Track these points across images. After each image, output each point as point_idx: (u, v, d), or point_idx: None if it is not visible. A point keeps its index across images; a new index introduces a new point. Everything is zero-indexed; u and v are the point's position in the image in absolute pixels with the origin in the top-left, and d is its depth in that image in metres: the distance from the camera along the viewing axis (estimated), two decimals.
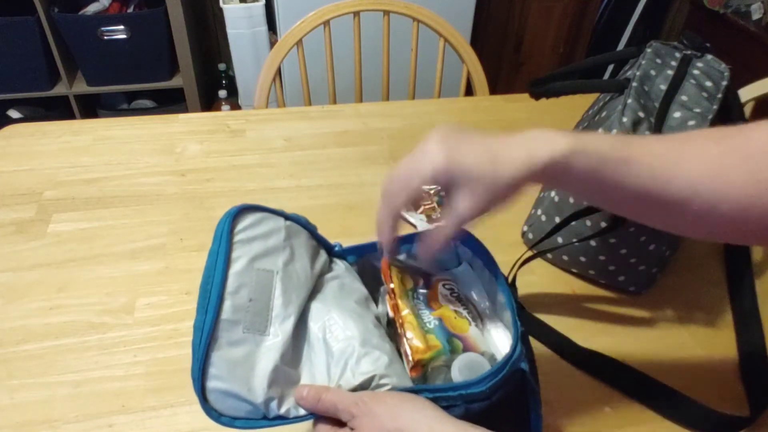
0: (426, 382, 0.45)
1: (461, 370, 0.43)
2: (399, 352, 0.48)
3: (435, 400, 0.41)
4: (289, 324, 0.45)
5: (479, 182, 0.41)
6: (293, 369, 0.45)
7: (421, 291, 0.52)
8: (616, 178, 0.42)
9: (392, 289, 0.50)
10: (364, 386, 0.43)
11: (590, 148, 0.41)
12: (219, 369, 0.41)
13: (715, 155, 0.42)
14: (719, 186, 0.41)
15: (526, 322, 0.68)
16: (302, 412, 0.43)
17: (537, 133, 0.42)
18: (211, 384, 0.40)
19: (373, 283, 0.54)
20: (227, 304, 0.42)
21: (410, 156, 0.43)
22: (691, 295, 0.75)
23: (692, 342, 0.68)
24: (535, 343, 0.67)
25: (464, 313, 0.50)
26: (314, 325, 0.47)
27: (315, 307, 0.48)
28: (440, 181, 0.42)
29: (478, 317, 0.51)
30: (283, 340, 0.44)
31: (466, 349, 0.47)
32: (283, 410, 0.42)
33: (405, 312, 0.48)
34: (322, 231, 0.54)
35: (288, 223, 0.50)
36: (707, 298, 0.74)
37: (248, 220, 0.46)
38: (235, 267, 0.44)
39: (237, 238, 0.45)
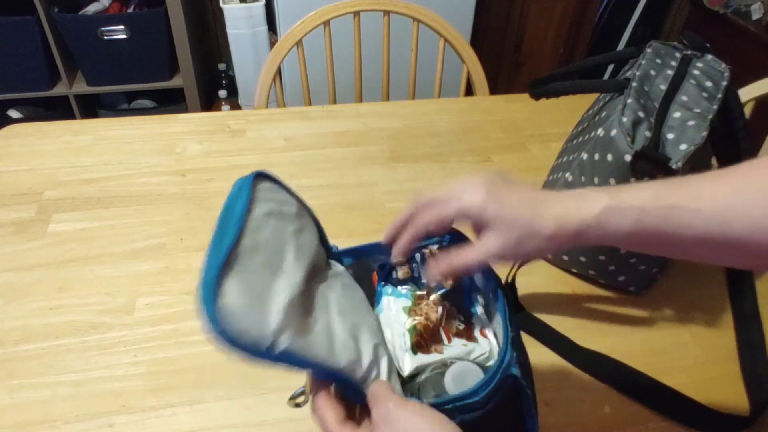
0: (419, 391, 0.45)
1: (454, 379, 0.43)
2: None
3: None
4: (300, 275, 0.43)
5: (514, 230, 0.42)
6: (305, 319, 0.42)
7: None
8: (660, 230, 0.41)
9: None
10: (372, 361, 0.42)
11: (627, 206, 0.41)
12: (234, 286, 0.36)
13: None
14: None
15: (526, 322, 0.68)
16: (308, 356, 0.39)
17: (574, 196, 0.43)
18: (225, 299, 0.36)
19: (369, 287, 0.54)
20: (246, 238, 0.40)
21: (452, 184, 0.45)
22: (691, 295, 0.75)
23: (692, 342, 0.68)
24: (534, 343, 0.67)
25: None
26: (323, 302, 0.45)
27: (322, 290, 0.46)
28: (472, 214, 0.43)
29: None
30: (298, 284, 0.42)
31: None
32: (292, 346, 0.38)
33: None
34: None
35: (299, 204, 0.50)
36: (707, 298, 0.74)
37: (266, 184, 0.46)
38: (255, 212, 0.42)
39: (255, 194, 0.44)
